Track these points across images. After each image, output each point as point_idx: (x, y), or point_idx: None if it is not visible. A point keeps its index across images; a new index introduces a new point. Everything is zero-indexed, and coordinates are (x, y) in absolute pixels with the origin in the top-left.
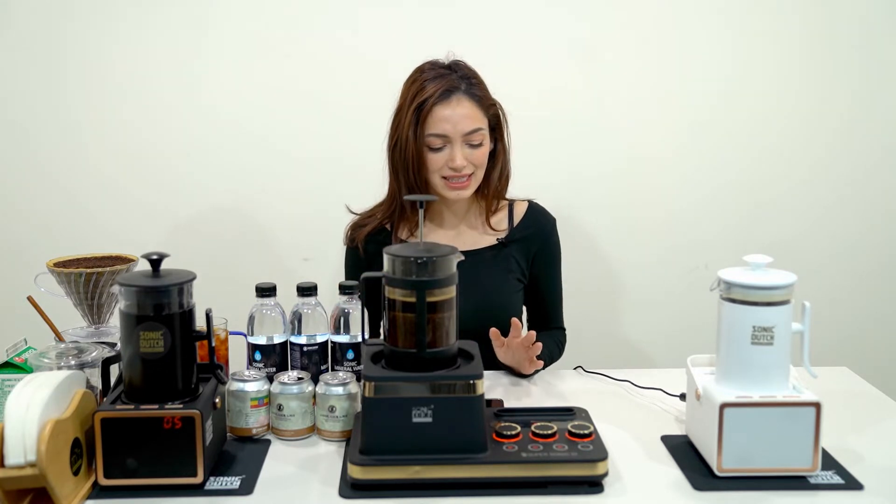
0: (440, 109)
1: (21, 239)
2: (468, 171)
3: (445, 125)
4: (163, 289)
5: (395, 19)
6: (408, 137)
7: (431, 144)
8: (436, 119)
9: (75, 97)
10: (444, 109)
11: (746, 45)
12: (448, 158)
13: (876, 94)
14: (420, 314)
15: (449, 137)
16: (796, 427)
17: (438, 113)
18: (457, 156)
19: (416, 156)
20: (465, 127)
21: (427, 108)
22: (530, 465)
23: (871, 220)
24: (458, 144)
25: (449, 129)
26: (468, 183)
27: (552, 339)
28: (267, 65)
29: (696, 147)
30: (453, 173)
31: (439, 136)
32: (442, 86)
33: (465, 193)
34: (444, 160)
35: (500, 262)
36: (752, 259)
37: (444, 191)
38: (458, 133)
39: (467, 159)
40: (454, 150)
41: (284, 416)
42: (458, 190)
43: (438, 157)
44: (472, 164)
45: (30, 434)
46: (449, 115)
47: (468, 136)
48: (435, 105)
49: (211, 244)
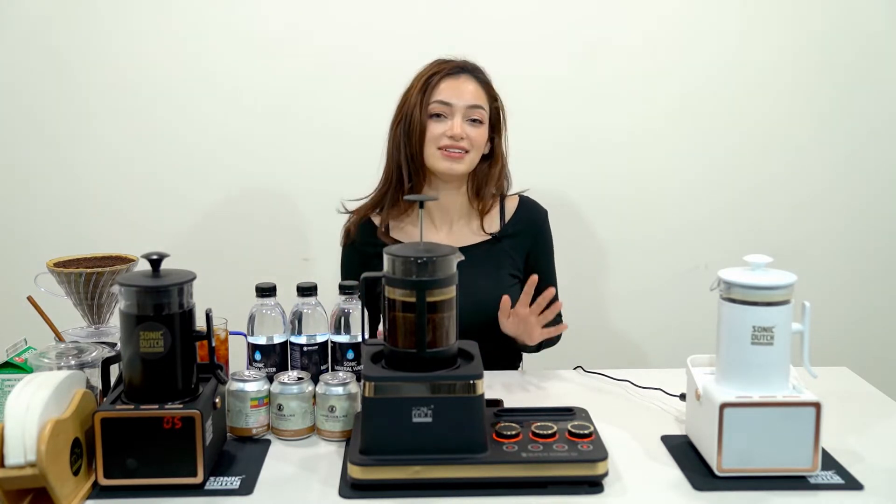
0: (447, 81)
1: (21, 239)
2: (465, 146)
3: (450, 93)
4: (163, 289)
5: (396, 20)
6: (413, 109)
7: (434, 111)
8: (442, 88)
9: (75, 98)
10: (451, 82)
11: (750, 45)
12: (448, 128)
13: (878, 96)
14: (420, 314)
15: (452, 107)
16: (796, 427)
17: (444, 84)
18: (456, 124)
19: (420, 125)
20: (468, 100)
21: (435, 81)
22: (530, 465)
23: (872, 220)
24: (458, 115)
25: (453, 97)
26: (462, 157)
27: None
28: (267, 65)
29: (696, 147)
30: (451, 142)
31: (443, 104)
32: (452, 65)
33: (457, 166)
34: (444, 129)
35: (493, 257)
36: (752, 259)
37: (438, 161)
38: (461, 104)
39: (466, 133)
40: (455, 119)
41: (284, 416)
42: (451, 161)
43: (438, 127)
44: (469, 140)
45: (30, 434)
46: (454, 87)
47: (470, 109)
48: (443, 78)
49: (211, 244)
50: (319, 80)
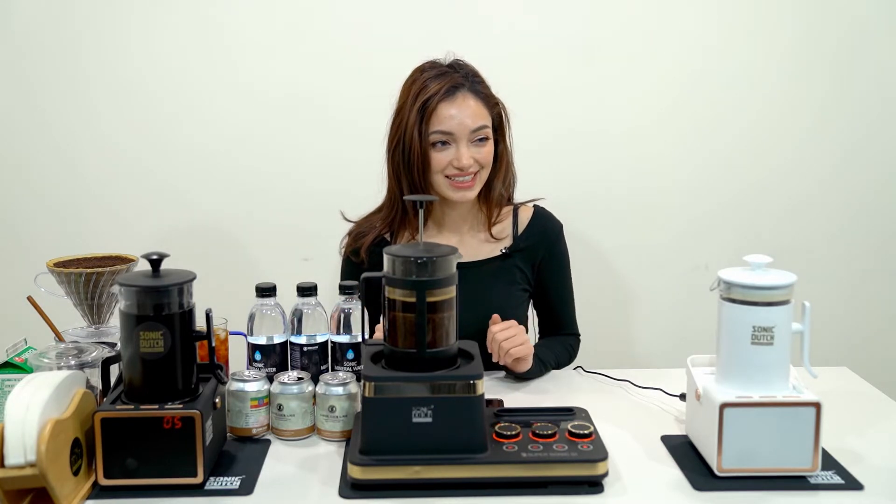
0: (445, 107)
1: (21, 239)
2: (474, 170)
3: (451, 122)
4: (163, 289)
5: (395, 21)
6: (412, 137)
7: (436, 140)
8: (441, 117)
9: (75, 98)
10: (450, 107)
11: (752, 46)
12: (453, 157)
13: (879, 97)
14: (420, 314)
15: (454, 135)
16: (796, 427)
17: (444, 111)
18: (463, 154)
19: (421, 155)
20: (471, 124)
21: (432, 105)
22: (530, 465)
23: (872, 220)
24: (463, 143)
25: (455, 126)
26: (473, 183)
27: (561, 343)
28: (267, 66)
29: (697, 147)
30: (458, 172)
31: (445, 134)
32: (446, 83)
33: (469, 194)
34: (449, 159)
35: (504, 273)
36: (752, 259)
37: (448, 191)
38: (464, 131)
39: (473, 158)
40: (460, 148)
41: (284, 416)
42: (462, 190)
43: (442, 156)
44: (477, 163)
45: (30, 434)
46: (455, 113)
47: (474, 133)
48: (440, 102)
49: (211, 244)
50: (320, 79)
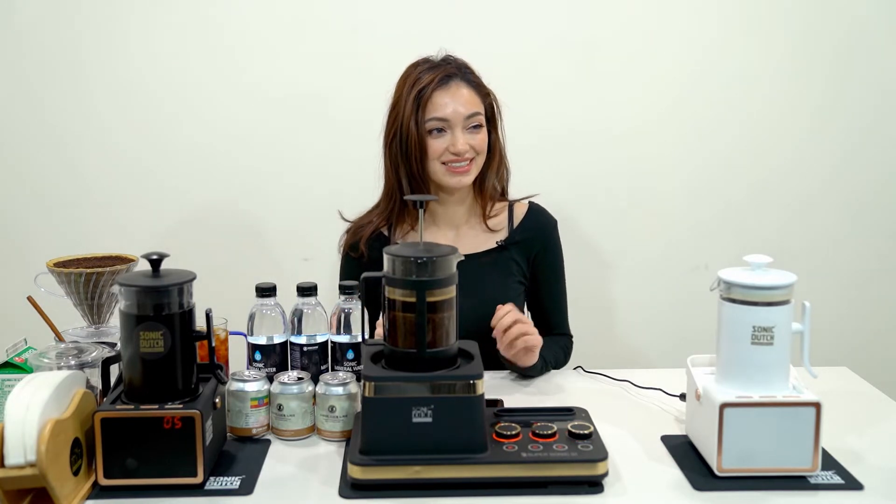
0: (440, 95)
1: (21, 239)
2: (469, 156)
3: (446, 109)
4: (163, 289)
5: (394, 21)
6: (409, 126)
7: (431, 128)
8: (436, 104)
9: (75, 98)
10: (444, 95)
11: (751, 45)
12: (449, 143)
13: (879, 97)
14: (420, 314)
15: (450, 121)
16: (796, 427)
17: (438, 99)
18: (458, 139)
19: (419, 143)
20: (464, 111)
21: (427, 94)
22: (530, 465)
23: (872, 219)
24: (458, 128)
25: (450, 112)
26: (469, 168)
27: (556, 343)
28: (266, 65)
29: (697, 147)
30: (454, 158)
31: (440, 120)
32: (439, 73)
33: (465, 179)
34: (445, 145)
35: (501, 265)
36: (752, 259)
37: (445, 177)
38: (459, 117)
39: (468, 143)
40: (455, 134)
41: (284, 416)
42: (458, 175)
43: (439, 143)
44: (473, 149)
45: (30, 434)
46: (449, 101)
47: (468, 119)
48: (434, 91)
49: (211, 244)
50: (320, 80)
